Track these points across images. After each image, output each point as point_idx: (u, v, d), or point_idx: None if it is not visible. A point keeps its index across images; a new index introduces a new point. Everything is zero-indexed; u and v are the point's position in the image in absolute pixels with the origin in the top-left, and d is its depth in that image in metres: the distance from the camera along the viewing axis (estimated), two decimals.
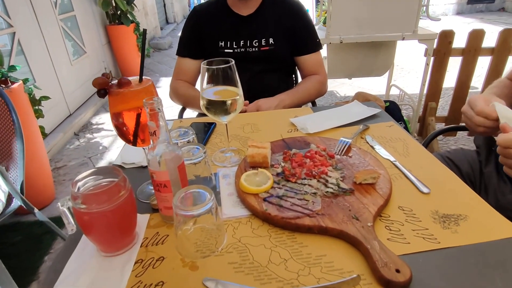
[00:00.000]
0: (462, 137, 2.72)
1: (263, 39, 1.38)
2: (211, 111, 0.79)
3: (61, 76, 3.28)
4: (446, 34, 2.21)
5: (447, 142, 2.66)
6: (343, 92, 3.69)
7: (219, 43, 1.39)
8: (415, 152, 0.86)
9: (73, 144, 2.99)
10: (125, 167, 0.87)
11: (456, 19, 8.29)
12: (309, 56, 1.45)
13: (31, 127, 2.02)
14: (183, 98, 1.45)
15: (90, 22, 4.11)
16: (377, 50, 2.32)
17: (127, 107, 0.63)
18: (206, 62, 0.78)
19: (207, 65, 0.77)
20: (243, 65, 1.37)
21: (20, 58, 2.73)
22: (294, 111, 1.14)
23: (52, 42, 3.18)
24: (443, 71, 2.35)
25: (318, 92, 1.44)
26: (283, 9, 1.41)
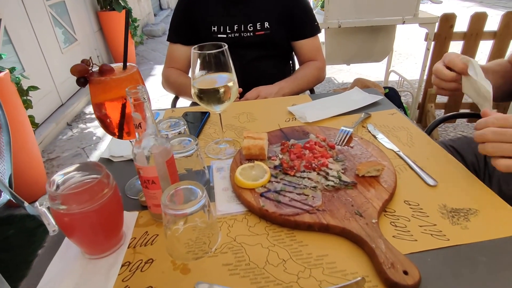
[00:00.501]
0: (461, 124, 2.68)
1: (258, 23, 1.32)
2: (204, 100, 0.74)
3: (52, 65, 3.18)
4: (448, 18, 2.14)
5: (446, 129, 2.62)
6: (341, 79, 3.62)
7: (212, 28, 1.33)
8: (420, 141, 0.82)
9: (66, 134, 2.93)
10: (114, 160, 0.82)
11: (455, 3, 8.15)
12: (307, 40, 1.38)
13: (19, 117, 1.95)
14: (175, 86, 1.39)
15: (80, 8, 3.98)
16: (376, 34, 2.25)
17: (110, 96, 0.58)
18: (197, 47, 0.72)
19: (198, 50, 0.71)
20: (237, 51, 1.31)
21: (8, 47, 2.64)
22: (291, 99, 1.08)
23: (41, 29, 3.08)
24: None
25: (317, 78, 1.39)
26: None
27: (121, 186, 0.73)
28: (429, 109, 2.39)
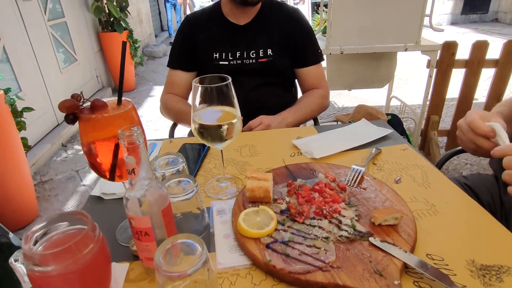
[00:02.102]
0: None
1: (261, 50, 1.28)
2: (205, 136, 0.68)
3: (50, 85, 3.15)
4: (450, 45, 2.14)
5: None
6: (341, 103, 3.61)
7: (214, 55, 1.29)
8: (437, 182, 0.76)
9: (60, 156, 2.85)
10: (105, 198, 0.76)
11: (451, 29, 8.33)
12: (310, 68, 1.35)
13: (11, 140, 1.89)
14: (174, 113, 1.34)
15: (82, 29, 3.99)
16: (378, 61, 2.24)
17: (101, 136, 0.52)
18: (198, 79, 0.67)
19: (200, 82, 0.66)
20: (239, 78, 1.27)
21: (5, 66, 2.60)
22: (296, 131, 1.03)
23: (41, 49, 3.06)
24: (446, 83, 2.27)
25: (320, 107, 1.34)
26: (283, 17, 1.31)
27: (111, 229, 0.66)
28: (432, 137, 2.35)
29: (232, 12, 1.30)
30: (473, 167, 2.41)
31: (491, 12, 9.09)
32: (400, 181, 0.76)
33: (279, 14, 1.32)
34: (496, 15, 9.11)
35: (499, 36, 7.08)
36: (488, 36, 7.15)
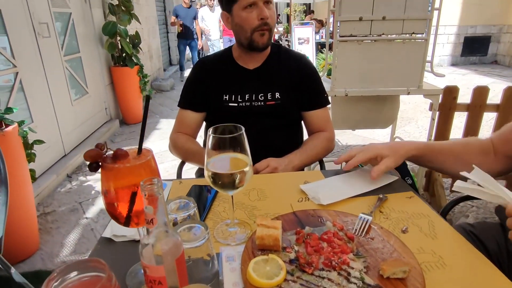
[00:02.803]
0: None
1: (269, 93, 1.34)
2: (217, 184, 0.71)
3: (61, 116, 3.23)
4: (451, 90, 2.20)
5: (454, 194, 2.56)
6: (345, 141, 3.65)
7: (224, 97, 1.34)
8: (443, 232, 0.77)
9: (65, 187, 2.87)
10: (116, 240, 0.77)
11: (451, 70, 8.56)
12: (316, 111, 1.40)
13: (20, 172, 1.92)
14: (182, 152, 1.38)
15: (95, 63, 4.16)
16: (382, 103, 2.30)
17: (121, 184, 0.55)
18: (212, 129, 0.70)
19: (215, 133, 0.70)
20: (247, 120, 1.32)
21: (20, 95, 2.69)
22: (303, 175, 1.05)
23: (55, 82, 3.17)
24: (449, 125, 2.32)
25: (326, 150, 1.38)
26: (290, 63, 1.38)
27: (122, 273, 0.67)
28: (436, 178, 2.35)
29: (242, 57, 1.37)
30: (480, 210, 2.39)
31: (490, 55, 9.39)
32: (407, 231, 0.77)
33: (287, 60, 1.39)
34: (495, 58, 9.40)
35: (499, 78, 7.26)
36: (489, 77, 7.34)
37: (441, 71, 8.28)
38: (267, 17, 1.21)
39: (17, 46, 2.65)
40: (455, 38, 9.24)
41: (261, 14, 1.21)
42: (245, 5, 1.21)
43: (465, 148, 1.00)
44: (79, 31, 3.78)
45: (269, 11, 1.23)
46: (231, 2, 1.24)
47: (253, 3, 1.20)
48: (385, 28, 1.97)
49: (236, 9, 1.24)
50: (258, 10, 1.21)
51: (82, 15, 3.90)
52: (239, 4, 1.23)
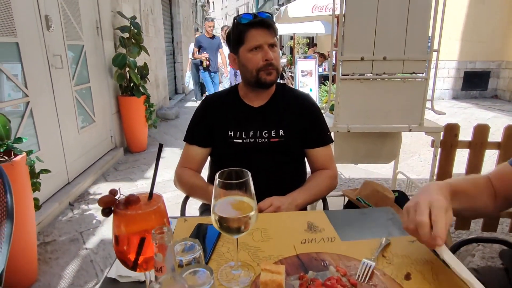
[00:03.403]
0: (475, 230, 2.59)
1: (273, 131, 1.38)
2: (223, 227, 0.72)
3: (67, 144, 3.28)
4: (452, 127, 2.24)
5: (459, 235, 2.53)
6: (348, 174, 3.66)
7: (229, 133, 1.38)
8: (447, 280, 0.77)
9: (66, 215, 2.86)
10: (120, 280, 0.77)
11: (452, 104, 8.68)
12: (319, 149, 1.43)
13: (24, 201, 1.93)
14: (187, 187, 1.40)
15: (103, 92, 4.27)
16: (384, 138, 2.33)
17: (132, 230, 0.57)
18: (219, 174, 0.73)
19: (221, 177, 0.72)
20: (251, 156, 1.36)
21: (29, 122, 2.75)
22: (307, 216, 1.07)
23: (64, 110, 3.25)
24: (451, 162, 2.33)
25: (329, 188, 1.39)
26: (294, 102, 1.43)
27: None
28: None
29: (247, 95, 1.42)
30: (486, 249, 2.35)
31: (490, 89, 9.55)
32: (410, 278, 0.77)
33: (291, 98, 1.44)
34: (495, 92, 9.55)
35: (500, 112, 7.34)
36: (490, 111, 7.42)
37: (442, 104, 8.41)
38: (271, 59, 1.28)
39: (31, 77, 2.75)
40: (455, 73, 9.44)
41: (266, 56, 1.27)
42: (250, 48, 1.28)
43: (477, 190, 0.96)
44: (90, 62, 3.92)
45: (274, 53, 1.30)
46: (238, 45, 1.31)
47: (258, 46, 1.27)
48: (386, 67, 2.05)
49: (242, 51, 1.31)
50: (263, 53, 1.27)
51: (94, 47, 4.06)
52: (245, 47, 1.29)
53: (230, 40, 1.36)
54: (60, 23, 3.23)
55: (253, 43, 1.27)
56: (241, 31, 1.29)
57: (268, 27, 1.27)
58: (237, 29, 1.30)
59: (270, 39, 1.28)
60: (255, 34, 1.27)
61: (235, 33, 1.32)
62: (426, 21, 2.05)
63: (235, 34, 1.32)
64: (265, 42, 1.27)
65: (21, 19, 2.64)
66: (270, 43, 1.28)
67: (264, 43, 1.26)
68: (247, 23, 1.27)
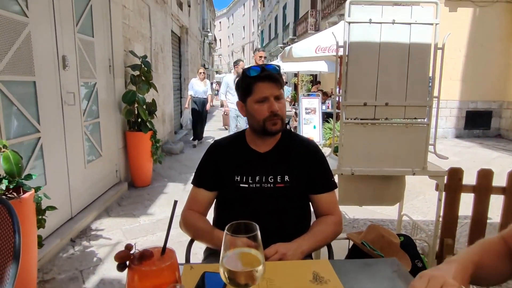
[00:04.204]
0: None
1: (279, 176, 1.41)
2: (231, 280, 0.73)
3: (73, 179, 3.32)
4: (456, 172, 2.26)
5: None
6: (352, 214, 3.63)
7: (235, 177, 1.41)
8: None
9: (67, 252, 2.83)
10: None
11: (456, 143, 8.72)
12: (324, 195, 1.45)
13: (29, 238, 1.93)
14: (193, 231, 1.41)
15: (111, 128, 4.37)
16: (388, 181, 2.35)
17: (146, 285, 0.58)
18: (228, 227, 0.75)
19: (230, 230, 0.74)
20: (257, 200, 1.38)
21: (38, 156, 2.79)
22: (312, 265, 1.06)
23: (72, 145, 3.32)
24: (456, 206, 2.32)
25: (334, 234, 1.40)
26: (300, 148, 1.47)
27: None
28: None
29: (254, 140, 1.47)
30: None
31: (493, 129, 9.63)
32: None
33: (296, 145, 1.48)
34: (498, 131, 9.63)
35: (504, 152, 7.35)
36: (494, 151, 7.43)
37: (446, 143, 8.45)
38: (277, 111, 1.34)
39: (44, 113, 2.85)
40: (457, 112, 9.58)
41: (271, 108, 1.34)
42: (257, 99, 1.35)
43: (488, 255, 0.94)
44: (101, 98, 4.05)
45: (279, 105, 1.36)
46: (246, 95, 1.39)
47: (265, 98, 1.34)
48: (388, 113, 2.11)
49: (250, 101, 1.38)
50: (269, 104, 1.34)
51: (106, 84, 4.22)
52: (252, 98, 1.36)
53: (239, 89, 1.43)
54: (76, 63, 3.39)
55: (260, 95, 1.34)
56: (249, 83, 1.36)
57: (274, 80, 1.35)
58: (246, 80, 1.38)
59: (276, 91, 1.35)
60: (262, 87, 1.34)
61: (243, 83, 1.39)
62: (426, 69, 2.14)
63: (243, 84, 1.39)
64: (271, 95, 1.34)
65: (40, 59, 2.78)
66: (276, 95, 1.34)
67: (270, 96, 1.33)
68: (255, 76, 1.34)
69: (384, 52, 2.09)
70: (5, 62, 2.40)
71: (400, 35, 2.06)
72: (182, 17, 9.47)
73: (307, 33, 15.32)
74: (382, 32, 2.05)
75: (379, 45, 2.07)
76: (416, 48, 2.09)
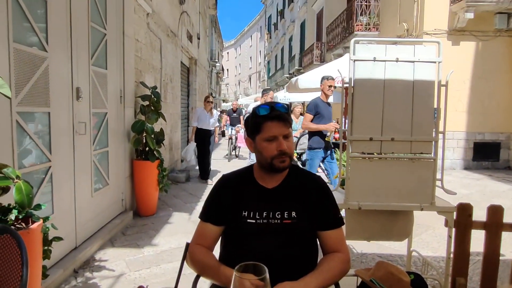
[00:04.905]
0: None
1: (286, 212, 1.41)
2: None
3: (79, 208, 3.33)
4: (465, 208, 2.22)
5: None
6: (360, 248, 3.54)
7: (243, 213, 1.42)
8: None
9: (70, 283, 2.79)
10: None
11: (464, 174, 8.61)
12: (331, 232, 1.45)
13: (34, 270, 1.92)
14: (199, 267, 1.40)
15: (119, 156, 4.43)
16: (396, 216, 2.32)
17: None
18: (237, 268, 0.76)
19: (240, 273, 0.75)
20: (264, 236, 1.38)
21: (47, 188, 2.83)
22: None
23: (81, 174, 3.35)
24: (467, 243, 2.26)
25: (341, 272, 1.38)
26: (307, 185, 1.49)
27: None
28: None
29: (261, 176, 1.49)
30: None
31: (502, 160, 9.51)
32: None
33: (304, 181, 1.50)
34: (508, 163, 9.50)
35: None
36: (504, 184, 7.30)
37: (454, 174, 8.34)
38: (285, 150, 1.37)
39: (55, 143, 2.91)
40: (464, 143, 9.52)
41: (280, 147, 1.37)
42: (266, 138, 1.39)
43: None
44: (110, 127, 4.14)
45: (287, 143, 1.39)
46: (255, 133, 1.42)
47: (274, 137, 1.37)
48: (395, 147, 2.13)
49: (259, 139, 1.41)
50: (278, 143, 1.37)
51: (116, 114, 4.32)
52: (261, 136, 1.40)
53: (248, 127, 1.47)
54: (89, 94, 3.50)
55: (269, 134, 1.38)
56: (259, 121, 1.40)
57: (283, 120, 1.39)
58: (255, 119, 1.42)
59: (285, 130, 1.39)
60: (271, 126, 1.38)
61: (253, 122, 1.43)
62: (431, 104, 2.18)
63: (253, 123, 1.43)
64: (280, 134, 1.37)
65: (56, 91, 2.89)
66: (284, 134, 1.38)
67: (279, 135, 1.37)
68: (265, 116, 1.39)
69: (388, 88, 2.14)
70: (23, 94, 2.50)
71: (404, 73, 2.12)
72: (192, 49, 9.81)
73: (313, 64, 15.68)
74: (387, 70, 2.11)
75: (384, 82, 2.13)
76: (420, 84, 2.14)
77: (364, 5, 11.29)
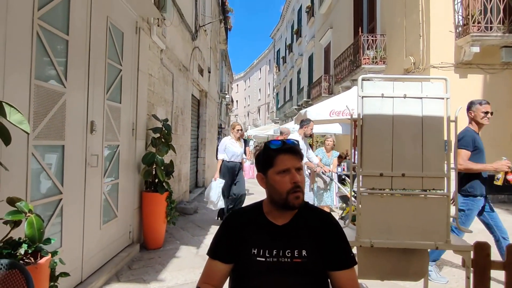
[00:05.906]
0: None
1: (296, 251, 1.39)
2: None
3: (87, 241, 3.30)
4: (482, 247, 2.14)
5: None
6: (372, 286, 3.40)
7: (252, 250, 1.40)
8: None
9: None
10: None
11: None
12: (343, 272, 1.40)
13: None
14: None
15: (129, 188, 4.45)
16: (410, 255, 2.24)
17: None
18: None
19: None
20: (275, 275, 1.35)
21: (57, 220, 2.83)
22: None
23: (90, 206, 3.36)
24: (486, 284, 2.15)
25: None
26: (317, 222, 1.47)
27: None
28: None
29: (271, 212, 1.48)
30: None
31: None
32: None
33: (314, 218, 1.48)
34: None
35: None
36: None
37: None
38: (299, 182, 1.37)
39: (68, 175, 2.95)
40: None
41: (293, 179, 1.37)
42: (279, 171, 1.39)
43: None
44: (122, 159, 4.19)
45: (300, 176, 1.39)
46: (267, 167, 1.43)
47: (287, 169, 1.38)
48: (406, 183, 2.10)
49: (271, 173, 1.42)
50: (291, 176, 1.38)
51: (128, 146, 4.40)
52: (274, 169, 1.41)
53: (260, 162, 1.48)
54: (102, 127, 3.59)
55: (282, 167, 1.39)
56: (271, 155, 1.42)
57: (296, 153, 1.40)
58: (268, 153, 1.43)
59: (297, 163, 1.40)
60: (283, 159, 1.39)
61: (265, 156, 1.45)
62: (441, 139, 2.17)
63: (265, 157, 1.45)
64: (293, 166, 1.38)
65: (71, 125, 2.98)
66: (297, 167, 1.39)
67: (292, 167, 1.38)
68: (277, 149, 1.41)
69: (397, 123, 2.15)
70: (40, 127, 2.58)
71: (413, 109, 2.14)
72: (202, 82, 10.09)
73: (321, 96, 15.89)
74: (395, 106, 2.14)
75: (393, 117, 2.14)
76: (429, 120, 2.14)
77: (370, 39, 11.59)
